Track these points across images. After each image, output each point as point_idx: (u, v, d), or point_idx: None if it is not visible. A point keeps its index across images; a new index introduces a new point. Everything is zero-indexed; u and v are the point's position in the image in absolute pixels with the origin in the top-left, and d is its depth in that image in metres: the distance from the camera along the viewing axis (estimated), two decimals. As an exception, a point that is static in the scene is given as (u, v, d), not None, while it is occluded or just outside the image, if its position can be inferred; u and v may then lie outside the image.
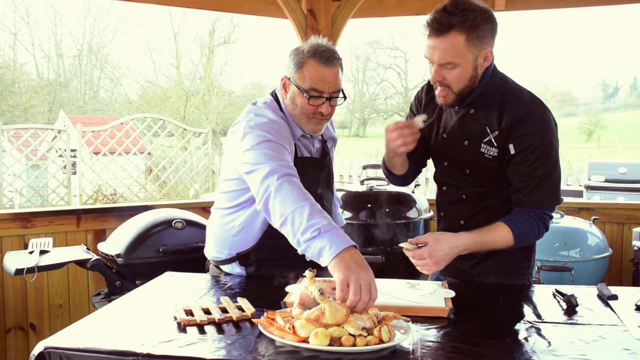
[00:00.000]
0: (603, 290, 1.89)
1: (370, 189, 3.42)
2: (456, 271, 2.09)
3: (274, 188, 1.74)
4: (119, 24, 35.53)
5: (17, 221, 3.36)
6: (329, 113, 2.02)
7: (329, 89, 1.97)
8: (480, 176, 2.01)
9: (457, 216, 2.09)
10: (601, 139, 29.72)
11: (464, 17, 1.76)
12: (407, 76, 35.53)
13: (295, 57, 1.98)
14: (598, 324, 1.62)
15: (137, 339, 1.47)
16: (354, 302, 1.47)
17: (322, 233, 1.60)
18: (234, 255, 2.15)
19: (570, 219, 3.65)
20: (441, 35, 1.79)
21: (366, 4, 4.21)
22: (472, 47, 1.81)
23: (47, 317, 3.46)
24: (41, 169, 9.16)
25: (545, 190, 1.90)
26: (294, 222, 1.66)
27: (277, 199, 1.72)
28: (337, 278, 1.52)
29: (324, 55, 1.95)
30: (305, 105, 1.98)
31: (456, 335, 1.54)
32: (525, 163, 1.88)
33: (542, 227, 1.94)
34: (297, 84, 1.98)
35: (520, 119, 1.87)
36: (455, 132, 2.02)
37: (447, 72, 1.84)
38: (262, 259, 2.12)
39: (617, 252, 3.94)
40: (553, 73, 42.53)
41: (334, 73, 1.97)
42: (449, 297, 1.78)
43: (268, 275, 2.06)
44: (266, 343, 1.45)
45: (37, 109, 24.99)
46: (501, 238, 1.89)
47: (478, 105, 1.96)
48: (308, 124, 2.03)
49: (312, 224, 1.62)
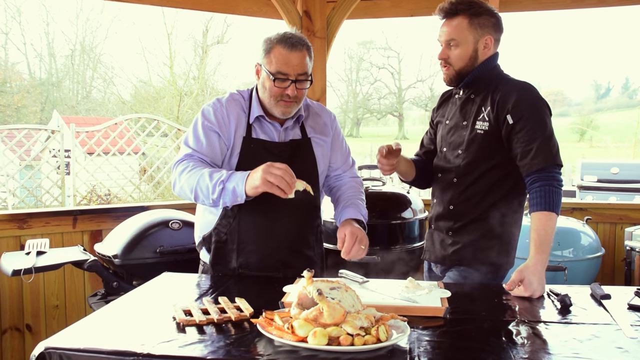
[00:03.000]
0: (596, 289, 1.92)
1: (365, 189, 3.43)
2: (439, 256, 2.31)
3: (177, 173, 2.08)
4: (112, 23, 35.43)
5: (13, 222, 3.35)
6: (296, 95, 2.12)
7: (295, 71, 2.09)
8: (470, 155, 2.20)
9: (446, 200, 2.28)
10: (593, 139, 29.90)
11: (468, 6, 2.16)
12: (400, 76, 35.64)
13: (265, 44, 2.12)
14: (591, 323, 1.64)
15: (137, 339, 1.48)
16: (280, 182, 1.84)
17: (226, 181, 1.94)
18: (201, 238, 2.26)
19: (564, 219, 3.68)
20: (449, 19, 2.18)
21: (361, 5, 4.23)
22: (473, 31, 2.16)
23: (43, 318, 3.46)
24: (35, 169, 9.12)
25: (549, 149, 2.05)
26: (202, 189, 2.00)
27: (182, 181, 2.06)
28: (260, 187, 1.87)
29: (289, 40, 2.09)
30: (273, 87, 2.10)
31: (452, 335, 1.56)
32: (524, 130, 2.07)
33: (555, 183, 2.04)
34: (266, 68, 2.11)
35: (512, 90, 2.12)
36: (457, 115, 2.28)
37: (451, 50, 2.19)
38: (219, 241, 2.20)
39: (610, 252, 3.98)
40: (545, 73, 42.82)
41: (299, 57, 2.09)
42: (445, 297, 1.80)
43: (223, 263, 2.21)
44: (265, 343, 1.46)
45: (29, 109, 24.87)
46: (544, 225, 1.99)
47: (478, 90, 2.23)
48: (277, 107, 2.14)
49: (215, 182, 1.96)
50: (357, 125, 37.47)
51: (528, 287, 1.91)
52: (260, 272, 2.19)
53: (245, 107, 2.21)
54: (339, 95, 36.80)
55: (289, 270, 2.17)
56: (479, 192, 2.20)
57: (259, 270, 2.19)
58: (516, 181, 2.18)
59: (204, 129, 2.15)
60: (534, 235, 2.00)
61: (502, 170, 2.18)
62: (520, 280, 1.92)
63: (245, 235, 2.17)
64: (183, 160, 2.11)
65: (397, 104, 37.02)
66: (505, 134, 2.12)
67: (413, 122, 38.77)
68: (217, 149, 2.15)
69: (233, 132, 2.16)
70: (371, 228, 3.30)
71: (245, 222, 2.16)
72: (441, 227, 2.30)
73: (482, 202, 2.20)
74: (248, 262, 2.19)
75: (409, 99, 37.07)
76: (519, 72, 36.97)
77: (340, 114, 36.51)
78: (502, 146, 2.15)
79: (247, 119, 2.19)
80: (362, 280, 1.98)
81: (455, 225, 2.25)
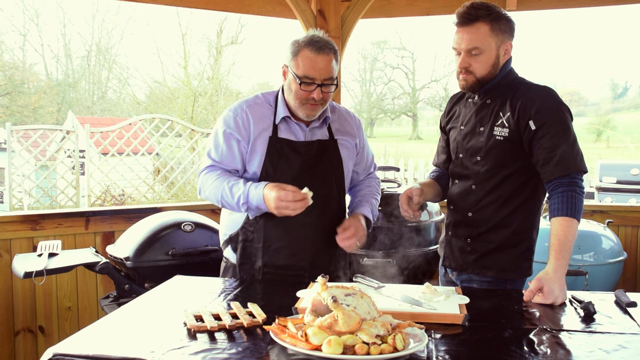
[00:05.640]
0: (621, 296, 1.85)
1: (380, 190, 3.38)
2: (460, 263, 2.25)
3: (201, 183, 2.20)
4: (127, 24, 35.68)
5: (26, 223, 3.35)
6: (321, 99, 2.12)
7: (321, 75, 2.09)
8: (490, 161, 2.14)
9: (465, 208, 2.22)
10: (610, 140, 29.52)
11: (488, 11, 2.07)
12: (414, 76, 35.49)
13: (292, 47, 2.13)
14: (618, 333, 1.58)
15: (146, 345, 1.45)
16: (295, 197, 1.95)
17: (247, 202, 2.07)
18: (227, 237, 2.27)
19: (584, 222, 3.60)
20: (469, 25, 2.07)
21: (376, 4, 4.17)
22: (495, 37, 2.08)
23: (55, 320, 3.45)
24: (50, 169, 9.20)
25: (573, 156, 2.00)
26: (227, 202, 2.13)
27: (207, 191, 2.18)
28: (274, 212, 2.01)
29: (316, 44, 2.09)
30: (299, 91, 2.11)
31: (471, 343, 1.51)
32: (547, 136, 2.02)
33: (578, 189, 1.99)
34: (293, 71, 2.11)
35: (535, 97, 2.07)
36: (473, 121, 2.22)
37: (473, 58, 2.09)
38: (247, 240, 2.21)
39: (632, 256, 3.88)
40: (561, 73, 42.39)
41: (325, 61, 2.09)
42: (464, 304, 1.74)
43: (249, 262, 2.22)
44: (278, 351, 1.42)
45: (46, 109, 25.14)
46: (565, 231, 1.94)
47: (494, 95, 2.17)
48: (302, 109, 2.15)
49: (237, 201, 2.09)
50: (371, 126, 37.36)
51: (549, 295, 1.85)
52: (287, 271, 2.19)
53: (271, 108, 2.22)
54: (352, 95, 36.75)
55: (315, 269, 2.16)
56: (499, 199, 2.15)
57: (286, 269, 2.20)
58: (535, 187, 2.14)
59: (224, 137, 2.18)
60: (553, 240, 1.94)
61: (521, 177, 2.13)
62: (540, 289, 1.86)
63: (272, 233, 2.18)
64: (204, 171, 2.21)
65: (411, 104, 36.86)
66: (527, 140, 2.06)
67: (427, 122, 38.61)
68: (237, 155, 2.18)
69: (255, 133, 2.17)
70: (386, 230, 3.26)
71: (272, 221, 2.16)
72: (460, 235, 2.25)
73: (502, 209, 2.14)
74: (274, 261, 2.19)
75: (423, 99, 36.92)
76: (535, 71, 36.70)
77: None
78: (522, 152, 2.09)
79: (273, 119, 2.20)
80: (378, 286, 1.93)
81: (474, 232, 2.20)
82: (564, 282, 1.90)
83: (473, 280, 2.21)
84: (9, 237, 3.30)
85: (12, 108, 23.37)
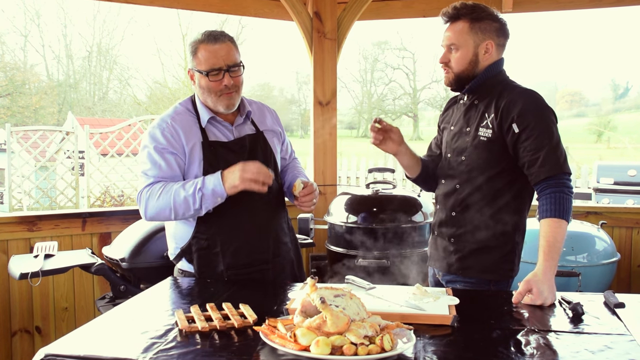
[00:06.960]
0: (610, 297, 1.87)
1: (375, 192, 3.40)
2: (443, 264, 2.26)
3: (144, 201, 2.12)
4: (128, 25, 35.71)
5: (23, 224, 3.37)
6: (233, 85, 2.16)
7: (225, 62, 2.13)
8: (474, 162, 2.17)
9: (449, 207, 2.25)
10: (611, 140, 29.49)
11: (470, 10, 2.14)
12: (415, 77, 35.41)
13: (191, 48, 2.17)
14: (604, 333, 1.59)
15: (138, 346, 1.46)
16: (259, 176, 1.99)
17: (202, 188, 2.03)
18: (179, 250, 2.25)
19: (578, 223, 3.61)
20: (451, 23, 2.18)
21: (372, 6, 4.19)
22: (473, 35, 2.14)
23: (52, 320, 3.47)
24: (49, 170, 9.21)
25: (556, 157, 2.02)
26: (180, 205, 2.05)
27: (153, 206, 2.10)
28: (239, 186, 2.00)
29: (211, 36, 2.14)
30: (209, 84, 2.14)
31: (460, 344, 1.52)
32: (531, 138, 2.04)
33: (566, 190, 2.01)
34: (198, 69, 2.14)
35: (517, 99, 2.09)
36: (461, 121, 2.26)
37: (451, 54, 2.18)
38: (201, 248, 2.20)
39: (626, 257, 3.90)
40: (562, 73, 42.26)
41: (224, 47, 2.13)
42: (453, 305, 1.76)
43: (208, 269, 2.20)
44: (268, 351, 1.44)
45: (47, 110, 25.15)
46: (554, 232, 1.96)
47: (482, 96, 2.20)
48: (220, 102, 2.17)
49: (192, 192, 2.04)
50: (372, 126, 37.30)
51: (539, 296, 1.86)
52: (250, 269, 2.21)
53: (193, 115, 2.23)
54: (353, 96, 36.70)
55: (277, 259, 2.24)
56: (482, 199, 2.16)
57: (248, 266, 2.21)
58: (520, 189, 2.15)
59: (158, 153, 2.14)
60: (542, 242, 1.95)
61: (505, 178, 2.14)
62: (529, 290, 1.88)
63: (229, 235, 2.19)
64: (145, 189, 2.14)
65: (411, 105, 36.81)
66: (511, 143, 2.08)
67: (428, 123, 38.55)
68: (177, 168, 2.16)
69: (188, 143, 2.16)
70: (381, 231, 3.28)
71: (224, 224, 2.18)
72: (444, 234, 2.26)
73: (485, 209, 2.15)
74: (236, 261, 2.19)
75: (424, 100, 36.84)
76: (534, 72, 36.67)
77: (355, 115, 36.44)
78: (506, 153, 2.11)
79: (198, 125, 2.20)
80: (369, 287, 1.94)
81: (457, 232, 2.21)
82: (554, 283, 1.91)
83: (457, 281, 2.22)
84: (6, 238, 3.32)
85: (13, 109, 23.38)
